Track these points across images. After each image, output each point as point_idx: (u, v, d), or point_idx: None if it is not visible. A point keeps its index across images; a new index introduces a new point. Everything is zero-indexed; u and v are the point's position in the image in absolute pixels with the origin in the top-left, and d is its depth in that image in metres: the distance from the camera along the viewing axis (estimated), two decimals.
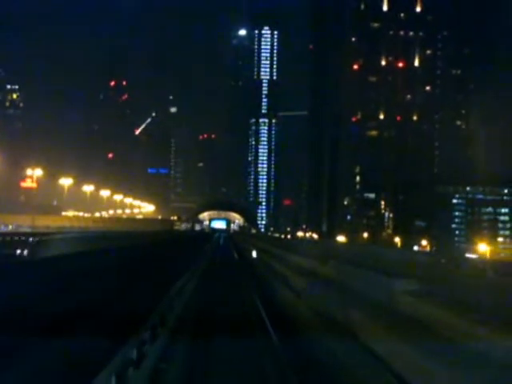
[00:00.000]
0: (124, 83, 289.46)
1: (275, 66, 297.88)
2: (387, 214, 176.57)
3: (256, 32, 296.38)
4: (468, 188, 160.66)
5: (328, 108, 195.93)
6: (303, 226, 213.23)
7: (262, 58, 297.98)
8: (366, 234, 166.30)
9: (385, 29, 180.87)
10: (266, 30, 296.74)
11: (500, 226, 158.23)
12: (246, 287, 29.33)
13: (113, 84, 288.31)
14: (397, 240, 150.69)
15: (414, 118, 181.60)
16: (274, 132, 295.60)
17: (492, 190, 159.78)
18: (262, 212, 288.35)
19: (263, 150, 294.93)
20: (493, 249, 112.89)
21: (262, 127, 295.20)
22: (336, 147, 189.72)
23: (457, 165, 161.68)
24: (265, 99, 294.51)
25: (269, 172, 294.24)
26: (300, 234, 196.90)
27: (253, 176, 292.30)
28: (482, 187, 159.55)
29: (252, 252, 62.69)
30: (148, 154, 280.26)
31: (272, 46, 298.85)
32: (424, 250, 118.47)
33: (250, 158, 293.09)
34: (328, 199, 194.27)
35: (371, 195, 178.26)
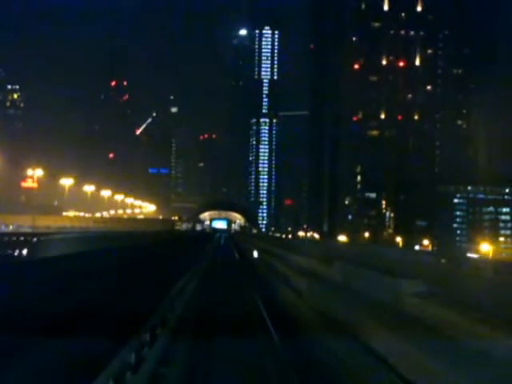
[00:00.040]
0: (125, 83, 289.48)
1: (276, 65, 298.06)
2: (388, 214, 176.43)
3: (257, 32, 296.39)
4: (469, 187, 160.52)
5: (329, 108, 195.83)
6: (304, 226, 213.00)
7: (263, 58, 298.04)
8: (367, 234, 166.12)
9: (385, 28, 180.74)
10: (266, 30, 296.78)
11: (501, 225, 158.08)
12: (247, 287, 29.25)
13: (113, 84, 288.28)
14: (398, 240, 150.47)
15: (415, 117, 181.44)
16: (274, 132, 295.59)
17: (493, 190, 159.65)
18: (263, 212, 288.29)
19: (264, 149, 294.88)
20: (494, 248, 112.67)
21: (263, 127, 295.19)
22: (337, 147, 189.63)
23: (458, 164, 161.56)
24: (265, 99, 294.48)
25: (269, 172, 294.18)
26: (301, 233, 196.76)
27: (254, 176, 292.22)
28: (483, 187, 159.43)
29: (253, 252, 62.58)
30: (149, 154, 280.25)
31: (273, 45, 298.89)
32: (425, 250, 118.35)
33: (250, 158, 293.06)
34: (329, 199, 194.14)
35: (372, 195, 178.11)
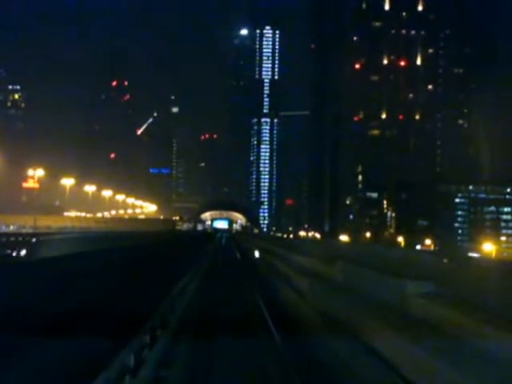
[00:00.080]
0: (126, 83, 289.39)
1: (277, 65, 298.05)
2: (389, 214, 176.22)
3: (257, 32, 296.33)
4: (470, 187, 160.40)
5: (330, 107, 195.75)
6: (305, 226, 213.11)
7: (264, 58, 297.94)
8: (368, 234, 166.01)
9: (387, 28, 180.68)
10: (267, 30, 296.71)
11: (503, 224, 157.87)
12: (248, 287, 29.16)
13: (114, 84, 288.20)
14: (400, 239, 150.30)
15: (416, 117, 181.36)
16: (275, 132, 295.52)
17: (494, 189, 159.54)
18: (264, 212, 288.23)
19: (265, 149, 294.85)
20: (497, 248, 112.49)
21: (264, 127, 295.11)
22: (338, 146, 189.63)
23: (459, 164, 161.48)
24: (266, 99, 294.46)
25: (271, 172, 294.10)
26: (302, 233, 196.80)
27: (255, 176, 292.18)
28: (485, 186, 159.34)
29: (254, 252, 62.47)
30: (150, 154, 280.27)
31: (273, 45, 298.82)
32: (427, 249, 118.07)
33: (251, 158, 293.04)
34: (330, 199, 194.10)
35: (373, 194, 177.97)
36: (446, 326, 12.41)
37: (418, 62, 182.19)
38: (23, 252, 48.61)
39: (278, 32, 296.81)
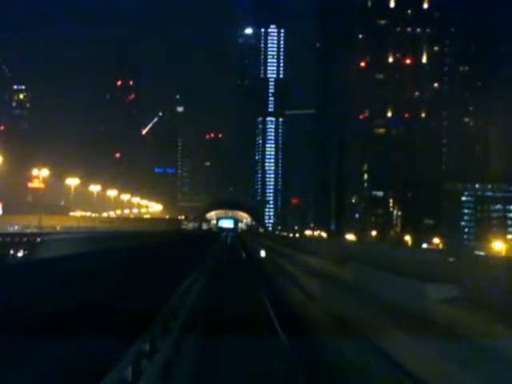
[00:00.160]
0: (131, 83, 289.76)
1: (282, 64, 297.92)
2: (396, 212, 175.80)
3: (262, 30, 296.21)
4: (477, 185, 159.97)
5: (335, 106, 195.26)
6: (311, 225, 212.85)
7: (269, 57, 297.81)
8: (374, 233, 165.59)
9: (392, 26, 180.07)
10: (272, 29, 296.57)
11: (509, 223, 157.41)
12: (254, 287, 28.92)
13: (119, 84, 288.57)
14: (407, 238, 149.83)
15: (422, 115, 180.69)
16: (281, 131, 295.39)
17: (501, 187, 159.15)
18: (270, 211, 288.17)
19: (270, 148, 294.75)
20: (507, 247, 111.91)
21: (269, 126, 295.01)
22: (343, 145, 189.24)
23: (465, 162, 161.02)
24: (271, 98, 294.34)
25: (276, 171, 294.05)
26: (308, 232, 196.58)
27: (260, 175, 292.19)
28: (491, 184, 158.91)
29: (260, 251, 62.27)
30: (155, 154, 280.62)
31: (278, 44, 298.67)
32: (434, 248, 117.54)
33: (257, 157, 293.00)
34: (336, 197, 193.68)
35: (379, 193, 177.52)
36: (454, 326, 11.91)
37: (424, 59, 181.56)
38: (20, 253, 48.24)
39: (282, 31, 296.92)
